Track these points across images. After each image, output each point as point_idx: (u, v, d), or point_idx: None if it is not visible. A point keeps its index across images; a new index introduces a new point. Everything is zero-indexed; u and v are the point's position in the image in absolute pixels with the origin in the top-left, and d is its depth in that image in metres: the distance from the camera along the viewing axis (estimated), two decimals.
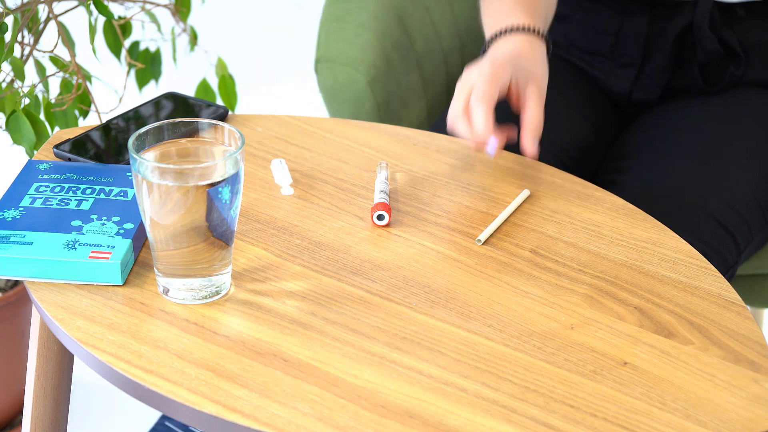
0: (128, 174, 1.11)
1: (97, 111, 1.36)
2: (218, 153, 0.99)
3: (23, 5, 1.36)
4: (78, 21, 1.75)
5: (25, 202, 1.06)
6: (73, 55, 1.38)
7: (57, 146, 1.17)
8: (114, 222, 1.04)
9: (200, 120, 0.99)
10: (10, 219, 1.04)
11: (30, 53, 1.42)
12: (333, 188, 1.15)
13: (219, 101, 1.57)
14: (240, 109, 2.48)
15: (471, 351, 0.95)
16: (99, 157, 1.17)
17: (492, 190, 1.16)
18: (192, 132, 1.00)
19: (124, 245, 1.01)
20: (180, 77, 1.94)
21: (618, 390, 0.92)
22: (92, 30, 1.37)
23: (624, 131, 1.55)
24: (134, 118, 1.24)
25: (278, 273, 1.03)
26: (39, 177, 1.11)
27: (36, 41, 1.42)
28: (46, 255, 1.00)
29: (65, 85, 1.41)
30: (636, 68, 1.53)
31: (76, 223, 1.04)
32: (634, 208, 1.14)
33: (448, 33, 1.65)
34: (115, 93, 1.65)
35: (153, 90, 2.39)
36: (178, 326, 0.96)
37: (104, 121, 1.23)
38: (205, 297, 0.99)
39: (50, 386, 1.12)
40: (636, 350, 0.96)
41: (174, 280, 0.99)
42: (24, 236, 1.02)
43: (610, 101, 1.57)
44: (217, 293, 1.00)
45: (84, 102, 1.43)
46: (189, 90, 1.98)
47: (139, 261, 1.04)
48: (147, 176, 0.94)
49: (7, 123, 1.32)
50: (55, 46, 1.37)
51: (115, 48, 1.52)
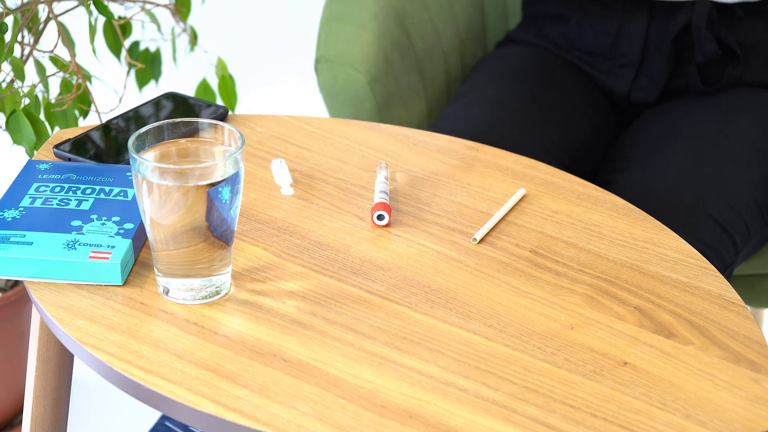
0: (128, 174, 1.11)
1: (97, 111, 1.36)
2: (218, 153, 0.99)
3: (23, 5, 1.36)
4: (78, 21, 1.75)
5: (25, 202, 1.06)
6: (73, 55, 1.38)
7: (57, 146, 1.17)
8: (114, 222, 1.04)
9: (200, 120, 0.99)
10: (10, 219, 1.04)
11: (30, 53, 1.42)
12: (333, 188, 1.15)
13: (219, 101, 1.57)
14: (240, 109, 2.48)
15: (471, 351, 0.95)
16: (99, 157, 1.17)
17: (492, 190, 1.16)
18: (192, 132, 1.00)
19: (124, 245, 1.01)
20: (180, 77, 1.94)
21: (618, 390, 0.92)
22: (92, 30, 1.37)
23: (623, 131, 1.55)
24: (134, 118, 1.24)
25: (278, 273, 1.03)
26: (39, 177, 1.11)
27: (36, 41, 1.42)
28: (46, 255, 1.00)
29: (65, 85, 1.41)
30: (635, 68, 1.53)
31: (76, 223, 1.04)
32: (634, 208, 1.14)
33: (448, 33, 1.65)
34: (115, 93, 1.65)
35: (153, 90, 2.39)
36: (178, 326, 0.96)
37: (104, 121, 1.23)
38: (205, 297, 0.99)
39: (50, 386, 1.12)
40: (636, 350, 0.96)
41: (174, 280, 0.99)
42: (24, 236, 1.02)
43: (610, 101, 1.57)
44: (217, 293, 1.00)
45: (84, 102, 1.43)
46: (189, 90, 1.98)
47: (139, 261, 1.04)
48: (147, 176, 0.94)
49: (7, 123, 1.32)
50: (55, 46, 1.37)
51: (115, 48, 1.52)
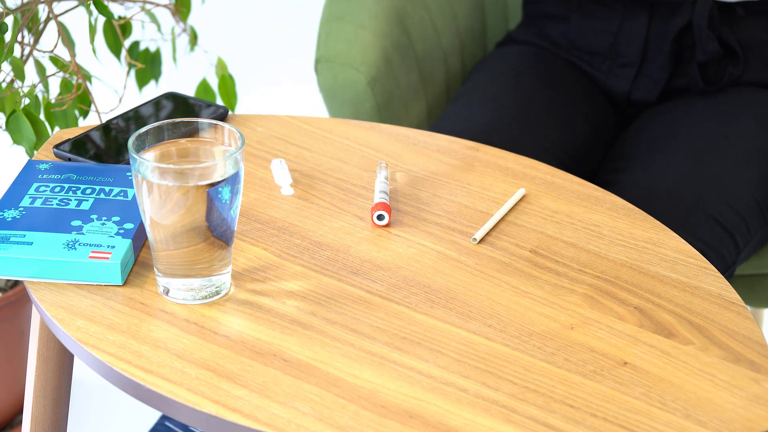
0: (128, 174, 1.11)
1: (97, 111, 1.36)
2: (218, 153, 0.99)
3: (23, 5, 1.36)
4: (78, 21, 1.75)
5: (25, 202, 1.06)
6: (73, 55, 1.38)
7: (57, 146, 1.17)
8: (114, 222, 1.04)
9: (200, 120, 0.99)
10: (10, 219, 1.04)
11: (30, 53, 1.42)
12: (333, 188, 1.15)
13: (219, 101, 1.57)
14: (240, 109, 2.48)
15: (471, 351, 0.95)
16: (99, 157, 1.17)
17: (492, 190, 1.16)
18: (192, 132, 1.00)
19: (124, 245, 1.01)
20: (180, 77, 1.94)
21: (618, 390, 0.92)
22: (92, 30, 1.37)
23: (623, 131, 1.55)
24: (134, 118, 1.24)
25: (278, 273, 1.03)
26: (39, 177, 1.10)
27: (36, 41, 1.42)
28: (46, 255, 1.00)
29: (65, 85, 1.41)
30: (635, 68, 1.53)
31: (76, 223, 1.04)
32: (634, 208, 1.14)
33: (448, 33, 1.65)
34: (115, 93, 1.65)
35: (153, 90, 2.39)
36: (178, 326, 0.96)
37: (104, 121, 1.23)
38: (205, 297, 0.99)
39: (50, 386, 1.12)
40: (636, 350, 0.96)
41: (174, 280, 0.99)
42: (24, 236, 1.02)
43: (610, 101, 1.57)
44: (217, 293, 1.00)
45: (84, 102, 1.43)
46: (189, 90, 1.98)
47: (139, 261, 1.04)
48: (147, 176, 0.94)
49: (7, 123, 1.32)
50: (55, 46, 1.37)
51: (115, 48, 1.52)
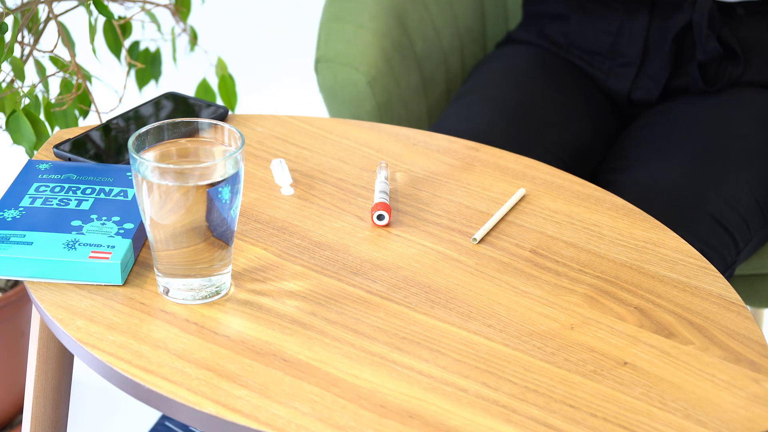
0: (128, 174, 1.11)
1: (97, 111, 1.36)
2: (218, 153, 0.99)
3: (23, 5, 1.36)
4: (78, 21, 1.75)
5: (25, 202, 1.06)
6: (73, 55, 1.38)
7: (57, 146, 1.17)
8: (114, 222, 1.04)
9: (200, 120, 0.99)
10: (10, 219, 1.04)
11: (30, 53, 1.42)
12: (333, 188, 1.15)
13: (219, 101, 1.57)
14: (240, 109, 2.48)
15: (471, 351, 0.95)
16: (99, 157, 1.17)
17: (492, 190, 1.16)
18: (192, 132, 1.00)
19: (124, 245, 1.01)
20: (180, 77, 1.94)
21: (618, 390, 0.92)
22: (92, 30, 1.37)
23: (623, 131, 1.55)
24: (134, 118, 1.24)
25: (278, 273, 1.03)
26: (39, 177, 1.10)
27: (36, 41, 1.42)
28: (46, 255, 1.00)
29: (65, 85, 1.41)
30: (635, 68, 1.53)
31: (76, 223, 1.04)
32: (634, 208, 1.14)
33: (448, 33, 1.65)
34: (115, 93, 1.65)
35: (153, 90, 2.38)
36: (178, 326, 0.96)
37: (104, 121, 1.23)
38: (205, 297, 0.99)
39: (50, 386, 1.12)
40: (636, 350, 0.96)
41: (174, 280, 0.99)
42: (24, 236, 1.02)
43: (610, 101, 1.57)
44: (217, 293, 1.00)
45: (84, 102, 1.43)
46: (189, 90, 1.98)
47: (139, 261, 1.04)
48: (147, 176, 0.94)
49: (7, 123, 1.32)
50: (55, 46, 1.37)
51: (115, 48, 1.52)
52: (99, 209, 1.06)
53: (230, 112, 1.47)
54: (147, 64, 1.57)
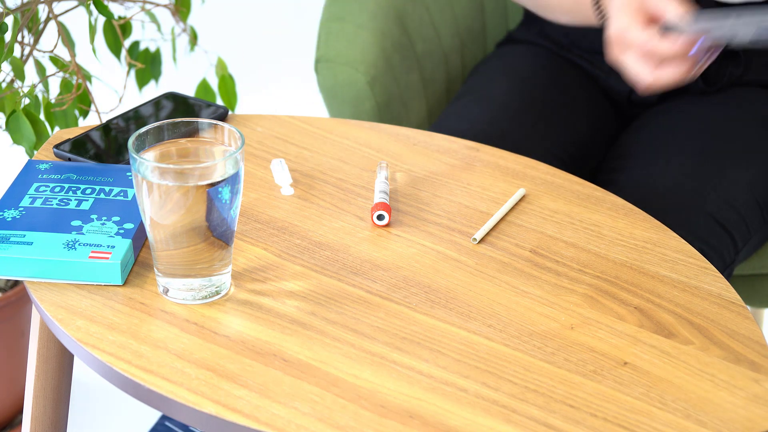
0: (128, 174, 1.11)
1: (97, 111, 1.36)
2: (218, 153, 0.99)
3: (23, 5, 1.36)
4: (78, 21, 1.75)
5: (25, 202, 1.06)
6: (73, 55, 1.38)
7: (57, 146, 1.17)
8: (114, 222, 1.04)
9: (200, 120, 0.99)
10: (10, 219, 1.04)
11: (30, 53, 1.42)
12: (333, 188, 1.15)
13: (219, 101, 1.57)
14: (240, 109, 2.48)
15: (471, 351, 0.95)
16: (99, 157, 1.17)
17: (492, 190, 1.16)
18: (192, 132, 1.00)
19: (124, 245, 1.01)
20: (180, 77, 1.94)
21: (618, 390, 0.92)
22: (92, 30, 1.37)
23: (623, 131, 1.55)
24: (134, 118, 1.24)
25: (278, 273, 1.03)
26: (39, 177, 1.10)
27: (36, 41, 1.42)
28: (46, 255, 1.00)
29: (65, 85, 1.41)
30: None
31: (76, 223, 1.04)
32: (634, 208, 1.14)
33: (448, 33, 1.65)
34: (115, 93, 1.65)
35: (153, 90, 2.38)
36: (178, 326, 0.96)
37: (104, 121, 1.23)
38: (205, 297, 0.99)
39: (50, 386, 1.12)
40: (636, 350, 0.96)
41: (174, 280, 0.99)
42: (24, 236, 1.02)
43: (611, 101, 1.57)
44: (217, 293, 1.00)
45: (84, 102, 1.43)
46: (189, 90, 1.98)
47: (139, 261, 1.04)
48: (147, 176, 0.94)
49: (7, 123, 1.32)
50: (55, 46, 1.37)
51: (115, 48, 1.52)
52: (99, 209, 1.06)
53: (230, 112, 1.47)
54: (147, 64, 1.58)
